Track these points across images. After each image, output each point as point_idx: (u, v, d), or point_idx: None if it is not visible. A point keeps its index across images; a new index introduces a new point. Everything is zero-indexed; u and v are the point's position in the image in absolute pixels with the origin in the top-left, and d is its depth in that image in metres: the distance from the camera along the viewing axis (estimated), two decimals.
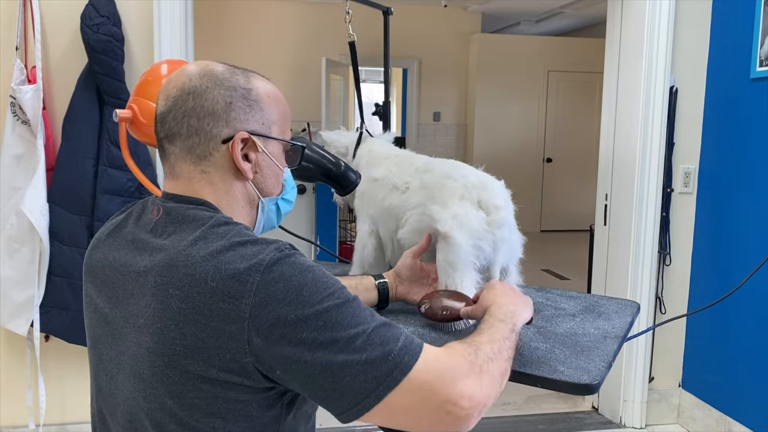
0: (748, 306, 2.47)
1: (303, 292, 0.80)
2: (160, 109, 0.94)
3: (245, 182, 0.96)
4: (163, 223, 0.91)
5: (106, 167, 2.32)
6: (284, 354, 0.79)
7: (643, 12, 2.61)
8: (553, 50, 7.70)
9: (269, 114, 0.97)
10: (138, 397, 0.86)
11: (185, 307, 0.81)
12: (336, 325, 0.80)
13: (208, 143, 0.92)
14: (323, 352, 0.79)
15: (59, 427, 2.53)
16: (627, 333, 1.25)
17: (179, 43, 2.42)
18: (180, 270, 0.83)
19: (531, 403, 3.03)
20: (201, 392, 0.82)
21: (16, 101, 2.25)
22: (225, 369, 0.80)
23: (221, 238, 0.85)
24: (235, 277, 0.80)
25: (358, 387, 0.79)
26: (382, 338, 0.81)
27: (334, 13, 6.92)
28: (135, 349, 0.86)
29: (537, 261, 6.12)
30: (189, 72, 0.94)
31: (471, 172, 1.45)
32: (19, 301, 2.32)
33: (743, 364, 2.51)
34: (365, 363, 0.79)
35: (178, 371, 0.82)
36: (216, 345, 0.80)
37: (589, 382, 1.01)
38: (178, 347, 0.81)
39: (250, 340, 0.79)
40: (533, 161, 7.82)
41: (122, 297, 0.90)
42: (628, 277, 2.72)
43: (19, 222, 2.29)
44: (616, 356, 1.13)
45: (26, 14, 2.31)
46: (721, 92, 2.63)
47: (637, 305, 1.43)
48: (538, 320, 1.28)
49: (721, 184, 2.63)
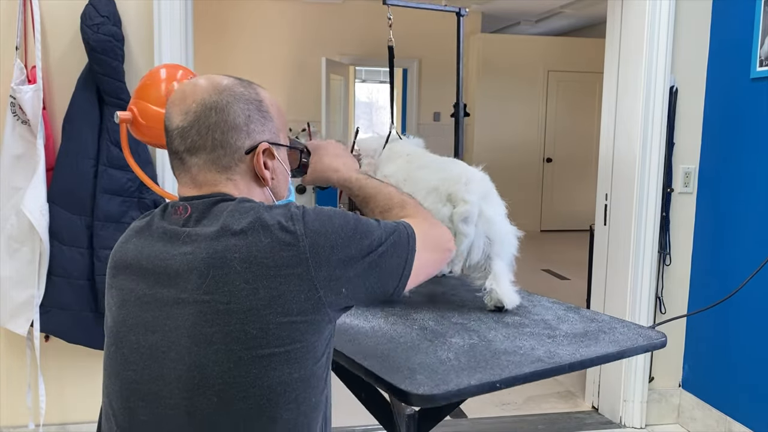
0: (748, 306, 2.47)
1: (333, 220, 0.96)
2: (179, 123, 0.99)
3: (264, 188, 1.05)
4: (195, 217, 0.98)
5: (106, 167, 2.32)
6: (345, 274, 0.94)
7: (643, 12, 2.61)
8: (553, 50, 7.70)
9: (277, 122, 1.06)
10: (205, 363, 0.89)
11: (249, 266, 0.89)
12: (365, 233, 0.98)
13: (233, 155, 1.00)
14: (368, 256, 0.97)
15: (59, 427, 2.53)
16: (571, 367, 1.19)
17: (179, 43, 2.42)
18: (229, 239, 0.91)
19: (531, 403, 3.03)
20: (280, 340, 0.89)
21: (16, 101, 2.25)
22: (301, 311, 0.90)
23: (251, 209, 0.95)
24: (284, 229, 0.92)
25: (395, 264, 1.01)
26: (389, 226, 1.03)
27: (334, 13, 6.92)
28: (195, 318, 0.90)
29: (537, 261, 6.12)
30: (204, 87, 1.00)
31: (458, 168, 1.48)
32: (19, 301, 2.32)
33: (743, 364, 2.51)
34: (394, 245, 1.01)
35: (256, 325, 0.89)
36: (289, 290, 0.90)
37: (411, 390, 1.05)
38: (253, 302, 0.88)
39: (316, 274, 0.91)
40: (533, 161, 7.82)
41: (171, 277, 0.94)
42: (628, 277, 2.72)
43: (19, 222, 2.29)
44: (499, 386, 1.10)
45: (26, 14, 2.31)
46: (721, 92, 2.63)
47: (648, 345, 1.35)
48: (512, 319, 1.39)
49: (721, 184, 2.63)
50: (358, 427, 2.69)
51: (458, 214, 1.41)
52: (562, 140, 7.83)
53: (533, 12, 7.15)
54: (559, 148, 7.84)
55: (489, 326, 1.38)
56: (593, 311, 1.50)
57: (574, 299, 4.15)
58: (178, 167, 1.02)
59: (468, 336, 1.31)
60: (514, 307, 1.48)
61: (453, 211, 1.42)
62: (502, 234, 1.46)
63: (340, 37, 6.95)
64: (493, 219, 1.45)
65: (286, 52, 6.79)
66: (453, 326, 1.39)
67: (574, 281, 5.30)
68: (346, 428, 2.70)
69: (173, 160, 1.03)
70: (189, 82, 1.03)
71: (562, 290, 5.15)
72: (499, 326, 1.38)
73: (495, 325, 1.39)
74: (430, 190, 1.47)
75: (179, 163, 1.01)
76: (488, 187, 1.48)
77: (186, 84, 1.03)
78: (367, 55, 7.13)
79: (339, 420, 2.74)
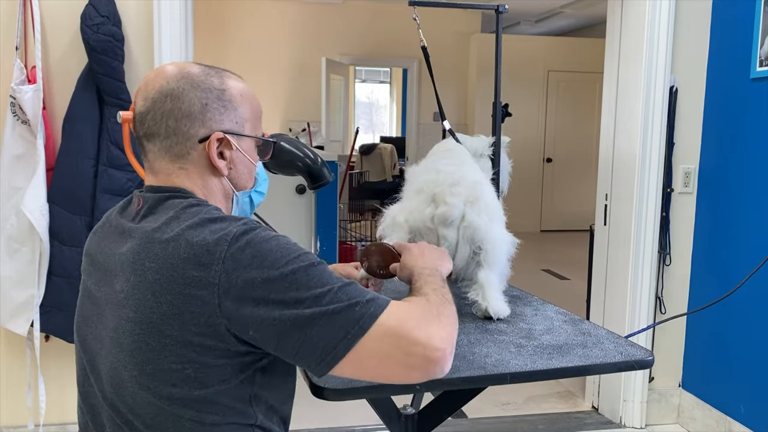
0: (748, 306, 2.47)
1: (269, 256, 0.87)
2: (139, 108, 1.00)
3: (221, 178, 1.03)
4: (143, 211, 0.98)
5: (106, 167, 2.32)
6: (255, 314, 0.85)
7: (643, 12, 2.61)
8: (553, 50, 7.70)
9: (242, 112, 1.03)
10: (119, 366, 0.93)
11: (160, 278, 0.88)
12: (302, 285, 0.86)
13: (185, 143, 0.99)
14: (292, 309, 0.84)
15: (59, 427, 2.53)
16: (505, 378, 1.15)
17: (179, 43, 2.42)
18: (155, 246, 0.90)
19: (531, 403, 3.03)
20: (178, 357, 0.88)
21: (16, 101, 2.25)
22: (200, 333, 0.87)
23: (193, 216, 0.92)
24: (205, 248, 0.87)
25: (327, 337, 0.84)
26: (348, 294, 0.87)
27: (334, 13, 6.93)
28: (116, 321, 0.93)
29: (537, 261, 6.12)
30: (167, 74, 1.00)
31: (458, 173, 1.48)
32: (19, 301, 2.32)
33: (743, 364, 2.51)
34: (333, 314, 0.84)
35: (155, 337, 0.88)
36: (190, 310, 0.86)
37: (323, 385, 1.06)
38: (155, 315, 0.88)
39: (221, 303, 0.86)
40: (533, 161, 7.82)
41: (108, 277, 0.97)
42: (628, 277, 2.72)
43: (19, 222, 2.29)
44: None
45: (26, 14, 2.31)
46: (721, 92, 2.63)
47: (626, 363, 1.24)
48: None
49: (721, 183, 2.63)
50: (357, 427, 2.69)
51: (438, 216, 1.40)
52: (562, 140, 7.83)
53: (533, 12, 7.15)
54: (559, 148, 7.84)
55: (463, 330, 1.35)
56: (594, 324, 1.44)
57: (574, 299, 4.16)
58: (141, 154, 1.04)
59: None
60: (506, 317, 1.45)
61: (435, 212, 1.41)
62: (491, 241, 1.42)
63: (340, 37, 6.96)
64: (478, 225, 1.41)
65: (286, 52, 6.79)
66: None
67: (574, 281, 5.30)
68: (346, 428, 2.70)
69: (138, 147, 1.04)
70: (158, 68, 1.03)
71: (562, 290, 5.15)
72: (475, 332, 1.36)
73: (472, 331, 1.36)
74: (419, 190, 1.46)
75: (141, 148, 1.03)
76: (478, 193, 1.44)
77: (153, 70, 1.04)
78: (367, 55, 7.14)
79: (339, 420, 2.74)
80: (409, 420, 1.41)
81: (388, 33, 6.99)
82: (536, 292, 1.75)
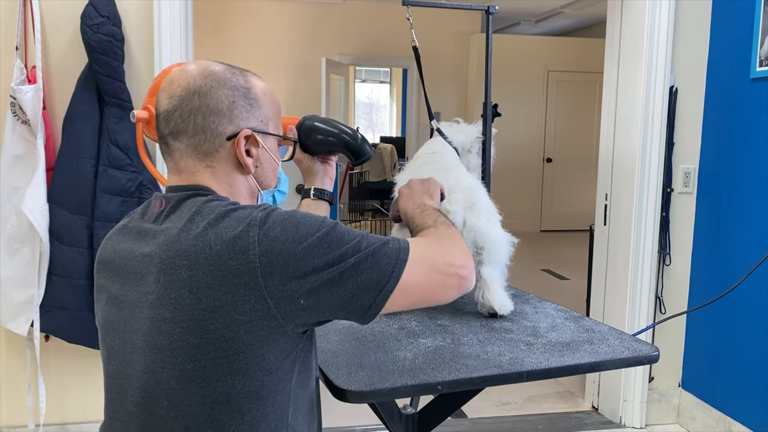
0: (747, 306, 2.47)
1: (300, 229, 0.90)
2: (164, 107, 1.00)
3: (247, 176, 1.03)
4: (165, 212, 0.98)
5: (106, 167, 2.32)
6: (304, 284, 0.88)
7: (643, 12, 2.61)
8: (553, 50, 7.70)
9: (266, 111, 1.04)
10: (155, 369, 0.91)
11: (195, 274, 0.88)
12: (338, 242, 0.91)
13: (213, 140, 0.99)
14: (338, 265, 0.90)
15: (59, 427, 2.53)
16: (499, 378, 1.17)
17: (179, 43, 2.42)
18: (182, 243, 0.90)
19: (531, 403, 3.04)
20: (221, 351, 0.88)
21: (16, 101, 2.25)
22: (246, 321, 0.87)
23: (212, 211, 0.93)
24: (237, 236, 0.88)
25: (377, 275, 0.91)
26: (376, 237, 0.95)
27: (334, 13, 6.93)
28: (149, 323, 0.92)
29: (537, 261, 6.12)
30: (191, 72, 1.00)
31: (450, 178, 1.51)
32: (19, 301, 2.32)
33: (743, 364, 2.52)
34: (374, 254, 0.92)
35: (197, 334, 0.88)
36: (233, 300, 0.87)
37: (343, 386, 1.09)
38: (196, 311, 0.87)
39: (266, 285, 0.87)
40: (533, 161, 7.82)
41: (133, 280, 0.96)
42: (628, 277, 2.72)
43: (19, 222, 2.29)
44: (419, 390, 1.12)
45: (26, 14, 2.31)
46: (721, 92, 2.63)
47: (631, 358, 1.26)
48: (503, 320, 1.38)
49: (720, 183, 2.63)
50: (357, 427, 2.69)
51: None
52: (562, 140, 7.83)
53: (533, 12, 7.15)
54: (559, 148, 7.84)
55: (471, 330, 1.38)
56: (594, 321, 1.47)
57: (574, 299, 4.16)
58: (164, 152, 1.03)
59: (441, 338, 1.32)
60: (509, 313, 1.47)
61: None
62: (492, 241, 1.47)
63: (340, 37, 6.95)
64: (479, 227, 1.46)
65: (286, 52, 6.79)
66: (433, 328, 1.39)
67: (574, 281, 5.30)
68: (346, 428, 2.70)
69: (161, 145, 1.03)
70: (180, 67, 1.03)
71: (562, 290, 5.15)
72: (483, 331, 1.37)
73: (478, 330, 1.38)
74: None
75: (165, 147, 1.02)
76: (474, 197, 1.49)
77: (176, 69, 1.03)
78: (367, 55, 7.14)
79: (339, 420, 2.74)
80: (409, 420, 1.42)
81: (388, 33, 6.98)
82: (536, 292, 1.76)
